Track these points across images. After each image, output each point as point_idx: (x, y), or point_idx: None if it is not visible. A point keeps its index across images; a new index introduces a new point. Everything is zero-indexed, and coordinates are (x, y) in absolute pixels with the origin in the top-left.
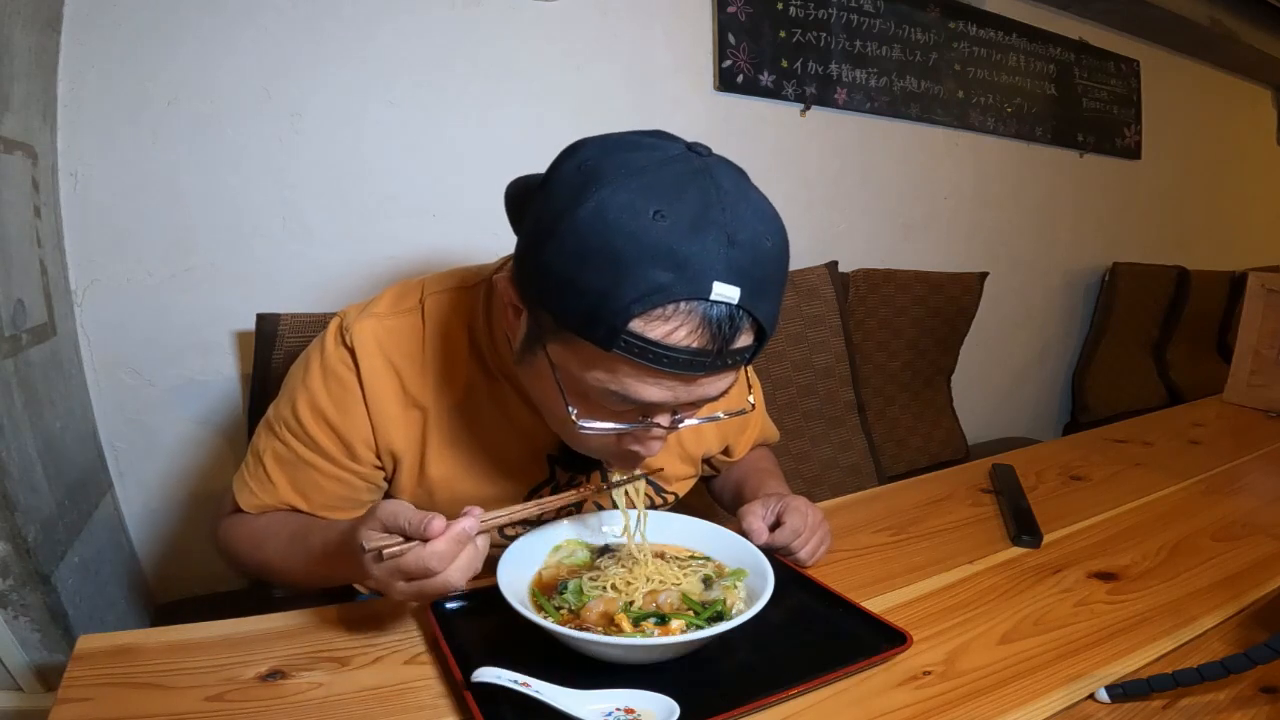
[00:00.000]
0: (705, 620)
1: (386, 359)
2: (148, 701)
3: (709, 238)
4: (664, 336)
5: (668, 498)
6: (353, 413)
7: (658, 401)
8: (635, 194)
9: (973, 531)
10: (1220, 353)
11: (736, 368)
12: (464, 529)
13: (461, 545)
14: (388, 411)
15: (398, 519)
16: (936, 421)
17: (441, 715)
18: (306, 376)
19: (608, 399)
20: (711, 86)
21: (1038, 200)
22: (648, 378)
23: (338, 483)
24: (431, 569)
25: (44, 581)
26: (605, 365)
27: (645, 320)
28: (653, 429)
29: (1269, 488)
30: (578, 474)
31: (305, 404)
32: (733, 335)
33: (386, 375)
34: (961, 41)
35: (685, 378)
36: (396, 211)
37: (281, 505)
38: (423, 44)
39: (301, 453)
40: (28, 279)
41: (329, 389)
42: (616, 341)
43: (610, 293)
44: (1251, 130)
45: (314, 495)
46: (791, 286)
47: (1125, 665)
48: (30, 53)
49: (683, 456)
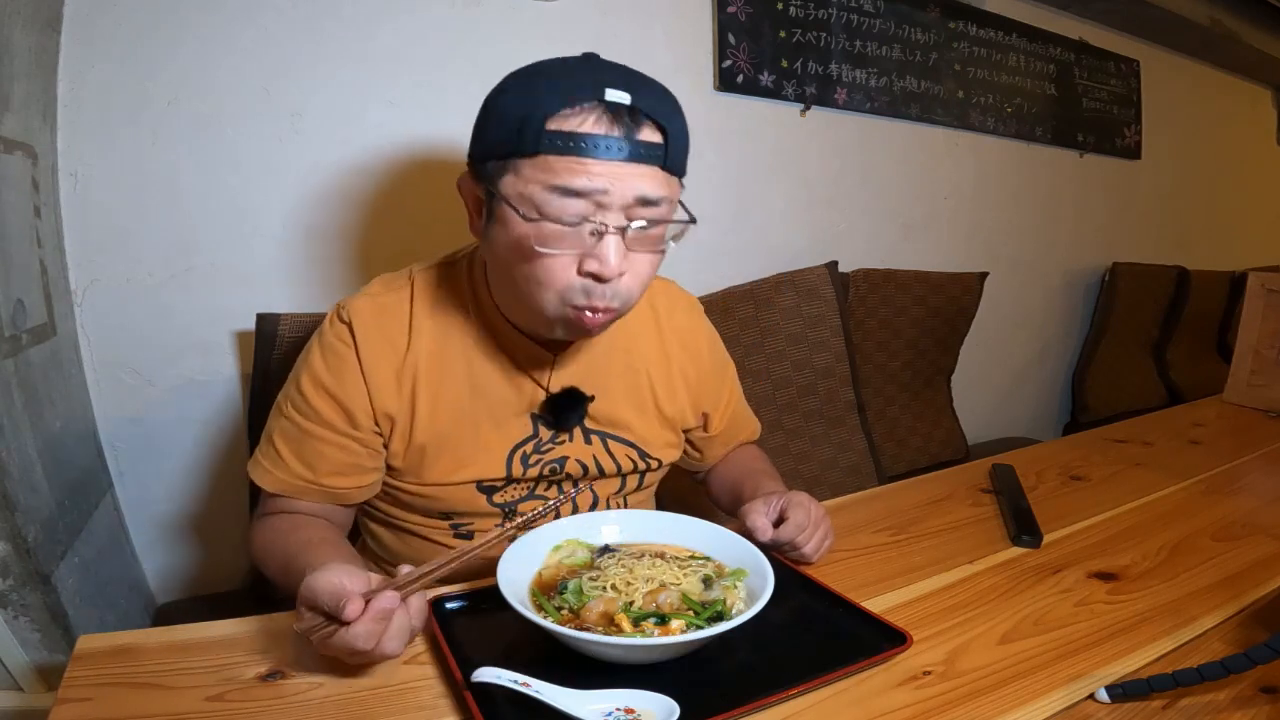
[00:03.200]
0: (705, 620)
1: (380, 329)
2: (148, 701)
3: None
4: (576, 127)
5: (651, 463)
6: (350, 381)
7: (594, 186)
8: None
9: (973, 531)
10: (1220, 353)
11: (653, 163)
12: (383, 608)
13: (384, 621)
14: (382, 378)
15: (317, 600)
16: (936, 421)
17: (441, 715)
18: (309, 356)
19: (552, 200)
20: (711, 86)
21: (1038, 200)
22: (577, 167)
23: (341, 450)
24: (358, 649)
25: (44, 581)
26: (541, 169)
27: (558, 120)
28: (604, 235)
29: (1269, 488)
30: (559, 430)
31: (308, 379)
32: (635, 126)
33: (380, 345)
34: (961, 41)
35: (607, 165)
36: (397, 211)
37: (293, 480)
38: (423, 44)
39: (306, 425)
40: (28, 279)
41: (328, 363)
42: (541, 142)
43: (528, 110)
44: (1251, 130)
45: (319, 464)
46: (791, 286)
47: (1125, 665)
48: (30, 53)
49: (659, 420)
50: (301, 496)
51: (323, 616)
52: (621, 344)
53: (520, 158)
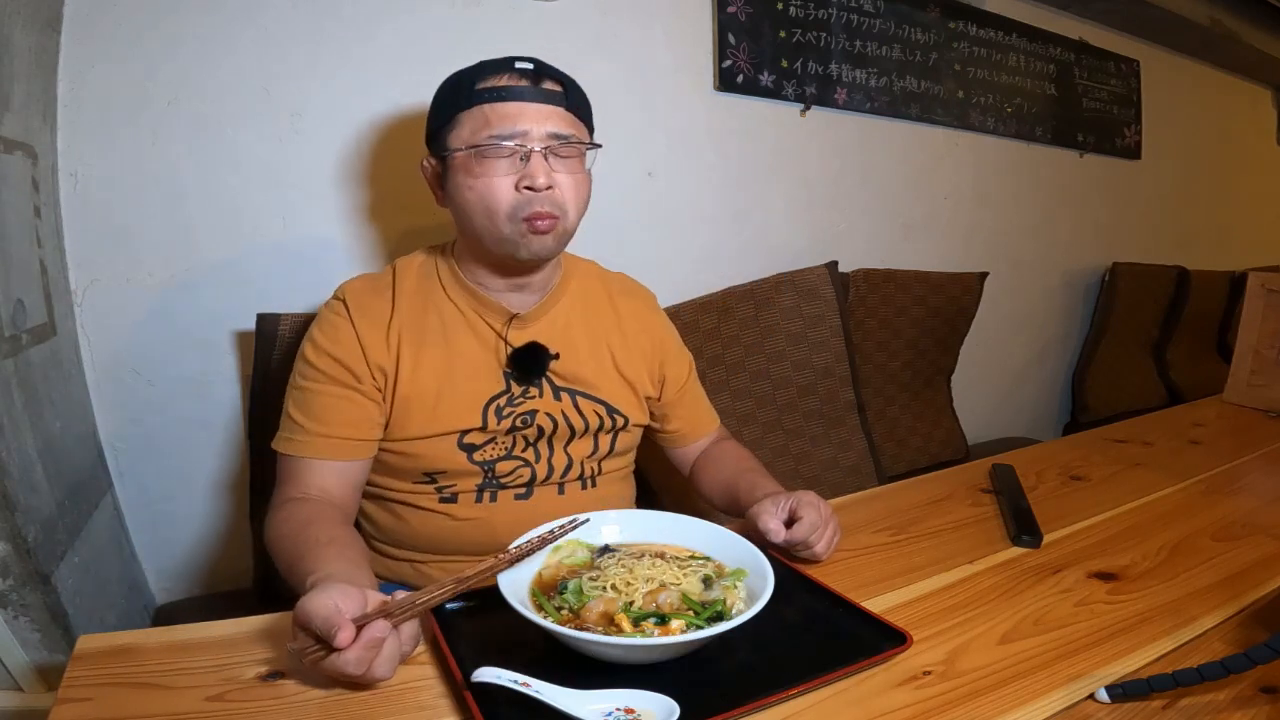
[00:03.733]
0: (705, 620)
1: (370, 300)
2: (148, 701)
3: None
4: (495, 83)
5: (618, 420)
6: (345, 341)
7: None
8: None
9: (973, 531)
10: (1220, 353)
11: (559, 104)
12: (374, 636)
13: (375, 649)
14: (373, 337)
15: (310, 623)
16: (936, 421)
17: (441, 715)
18: (310, 333)
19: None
20: (711, 86)
21: (1038, 200)
22: (504, 110)
23: (348, 403)
24: (349, 675)
25: (44, 581)
26: (477, 119)
27: (482, 81)
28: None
29: (1269, 488)
30: (529, 385)
31: (310, 349)
32: (540, 77)
33: (370, 311)
34: (961, 41)
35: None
36: (397, 211)
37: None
38: (423, 44)
39: (314, 387)
40: (28, 279)
41: (326, 332)
42: (474, 98)
43: (460, 82)
44: (1251, 130)
45: (332, 418)
46: (791, 286)
47: (1125, 665)
48: (30, 53)
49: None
50: (320, 454)
51: (314, 640)
52: (579, 315)
53: (459, 112)
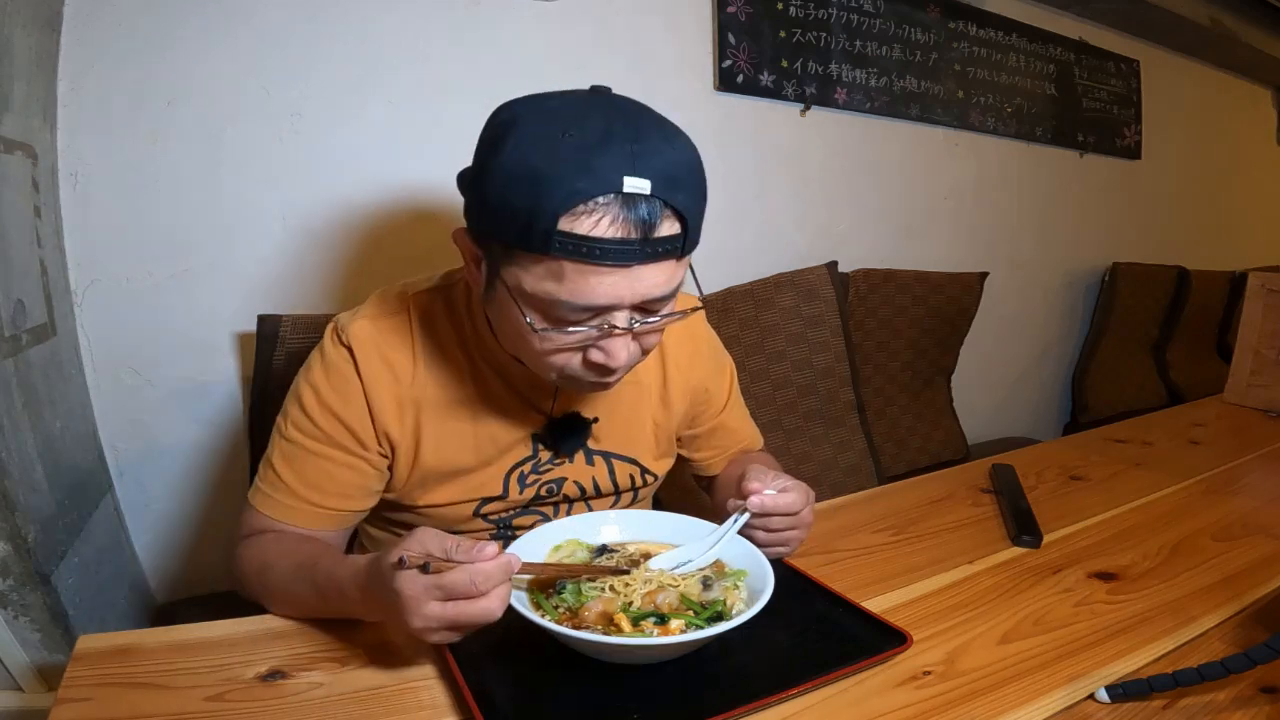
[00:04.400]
0: (705, 620)
1: (381, 356)
2: (148, 701)
3: (613, 145)
4: (590, 230)
5: (649, 479)
6: (354, 402)
7: (605, 302)
8: (547, 125)
9: (973, 531)
10: (1220, 353)
11: (670, 257)
12: (509, 561)
13: (507, 575)
14: (384, 404)
15: (444, 541)
16: (936, 421)
17: (441, 715)
18: (309, 376)
19: (560, 308)
20: (711, 86)
21: (1038, 200)
22: (589, 274)
23: (350, 470)
24: (480, 588)
25: (44, 581)
26: (549, 271)
27: (570, 218)
28: (611, 332)
29: (1269, 488)
30: (559, 452)
31: (312, 400)
32: (653, 221)
33: (382, 371)
34: (961, 41)
35: (622, 269)
36: (397, 211)
37: (299, 504)
38: (423, 44)
39: (311, 446)
40: (28, 279)
41: (332, 383)
42: (551, 243)
43: (537, 204)
44: (1251, 130)
45: (326, 485)
46: (791, 286)
47: (1125, 665)
48: (30, 53)
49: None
50: (308, 524)
51: None
52: None
53: (527, 252)
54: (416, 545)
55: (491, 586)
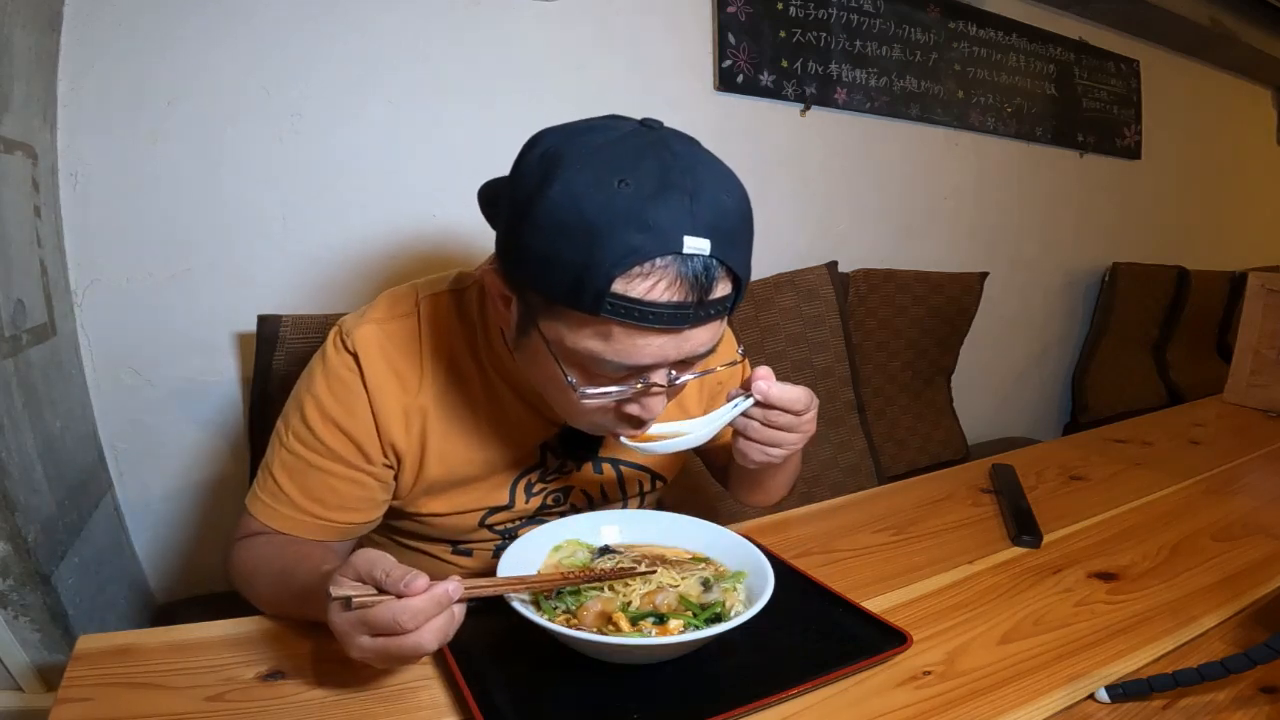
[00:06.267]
0: (704, 621)
1: (388, 363)
2: (148, 701)
3: (672, 198)
4: (645, 293)
5: (658, 484)
6: (359, 414)
7: (651, 362)
8: (598, 169)
9: (973, 531)
10: (1220, 353)
11: (720, 317)
12: (446, 591)
13: (441, 608)
14: (390, 412)
15: (374, 570)
16: (936, 421)
17: (441, 715)
18: (312, 385)
19: (603, 366)
20: (711, 86)
21: (1038, 200)
22: (638, 337)
23: (353, 484)
24: (403, 625)
25: (44, 581)
26: (596, 332)
27: (626, 280)
28: (650, 390)
29: (1269, 488)
30: (567, 460)
31: (314, 410)
32: (710, 285)
33: (388, 378)
34: (961, 41)
35: (673, 331)
36: (397, 211)
37: (300, 516)
38: (423, 44)
39: (314, 459)
40: (28, 279)
41: (335, 393)
42: (603, 305)
43: (590, 260)
44: (1251, 130)
45: (329, 498)
46: (791, 286)
47: (1125, 665)
48: (30, 53)
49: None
50: (308, 534)
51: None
52: None
53: (573, 310)
54: (350, 572)
55: (419, 623)
